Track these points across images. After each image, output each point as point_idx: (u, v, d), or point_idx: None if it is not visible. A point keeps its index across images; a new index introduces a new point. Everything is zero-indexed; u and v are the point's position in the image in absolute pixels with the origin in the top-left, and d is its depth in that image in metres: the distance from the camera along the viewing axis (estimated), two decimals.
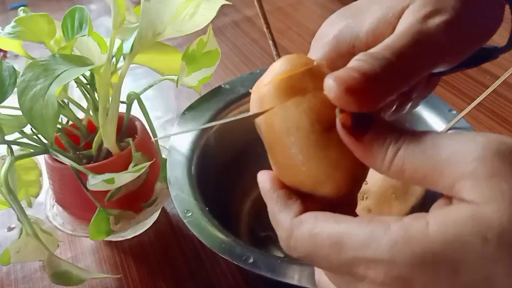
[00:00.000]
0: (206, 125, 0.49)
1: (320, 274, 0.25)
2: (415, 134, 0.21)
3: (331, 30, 0.26)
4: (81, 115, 0.49)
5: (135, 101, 0.48)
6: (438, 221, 0.18)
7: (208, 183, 0.46)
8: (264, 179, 0.26)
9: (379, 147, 0.21)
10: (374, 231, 0.19)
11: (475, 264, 0.17)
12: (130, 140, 0.47)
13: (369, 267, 0.19)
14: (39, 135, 0.45)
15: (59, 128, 0.47)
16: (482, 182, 0.18)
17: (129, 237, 0.53)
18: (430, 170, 0.19)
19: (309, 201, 0.23)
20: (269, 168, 0.27)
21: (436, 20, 0.23)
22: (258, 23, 0.93)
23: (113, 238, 0.53)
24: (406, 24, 0.23)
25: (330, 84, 0.20)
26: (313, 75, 0.23)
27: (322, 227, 0.21)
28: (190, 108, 0.52)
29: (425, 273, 0.18)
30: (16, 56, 0.88)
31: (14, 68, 0.42)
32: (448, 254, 0.18)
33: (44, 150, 0.45)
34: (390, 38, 0.22)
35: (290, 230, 0.22)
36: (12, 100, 0.40)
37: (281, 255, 0.48)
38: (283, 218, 0.23)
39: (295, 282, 0.34)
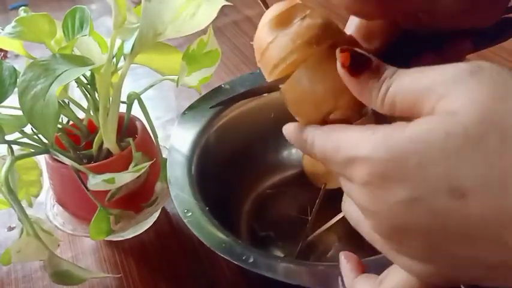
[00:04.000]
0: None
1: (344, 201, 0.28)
2: (407, 70, 0.22)
3: None
4: (81, 115, 0.49)
5: (136, 101, 0.48)
6: (413, 125, 0.20)
7: (208, 183, 0.46)
8: (289, 127, 0.29)
9: (373, 84, 0.23)
10: (364, 135, 0.22)
11: (438, 159, 0.19)
12: (130, 140, 0.47)
13: (357, 165, 0.22)
14: (40, 135, 0.45)
15: (59, 128, 0.47)
16: (452, 97, 0.20)
17: (129, 236, 0.53)
18: (415, 99, 0.21)
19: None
20: (269, 167, 0.30)
21: None
22: (259, 23, 0.93)
23: (113, 238, 0.53)
24: None
25: None
26: (300, 10, 0.27)
27: (329, 134, 0.24)
28: (191, 108, 0.52)
29: (397, 166, 0.20)
30: (17, 56, 0.88)
31: (15, 68, 0.42)
32: (416, 149, 0.20)
33: (45, 150, 0.45)
34: None
35: (312, 136, 0.26)
36: (13, 100, 0.40)
37: (281, 255, 0.48)
38: (305, 131, 0.27)
39: (295, 282, 0.34)
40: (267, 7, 0.30)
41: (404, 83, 0.22)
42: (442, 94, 0.20)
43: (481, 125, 0.19)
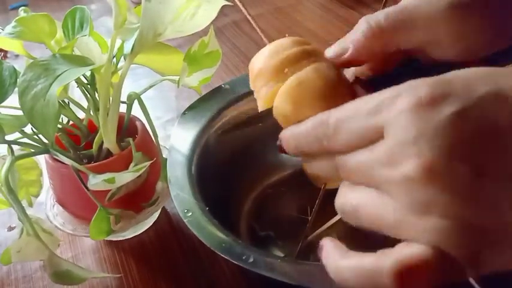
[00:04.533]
0: None
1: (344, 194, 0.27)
2: None
3: None
4: (81, 115, 0.49)
5: (136, 101, 0.48)
6: None
7: (208, 183, 0.46)
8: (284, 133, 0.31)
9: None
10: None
11: (480, 74, 0.22)
12: (130, 139, 0.47)
13: (396, 99, 0.22)
14: (40, 135, 0.45)
15: (59, 128, 0.47)
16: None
17: (129, 236, 0.53)
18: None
19: None
20: (269, 167, 0.32)
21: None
22: (258, 23, 0.93)
23: (113, 238, 0.53)
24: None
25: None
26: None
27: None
28: (191, 108, 0.52)
29: (441, 84, 0.21)
30: (17, 56, 0.88)
31: (15, 68, 0.42)
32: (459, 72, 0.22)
33: (45, 150, 0.45)
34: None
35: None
36: (13, 100, 0.40)
37: (281, 255, 0.48)
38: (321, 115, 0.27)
39: (295, 282, 0.34)
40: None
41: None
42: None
43: None
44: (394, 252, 0.22)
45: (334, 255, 0.26)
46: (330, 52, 0.30)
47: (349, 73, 0.32)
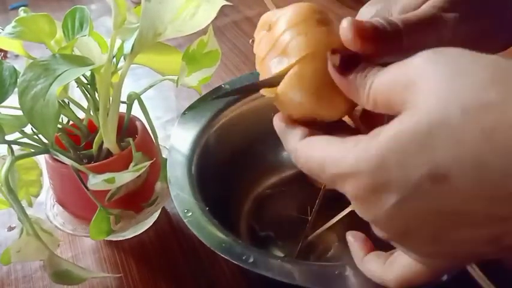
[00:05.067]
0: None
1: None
2: (388, 66, 0.23)
3: (368, 11, 0.31)
4: (81, 115, 0.49)
5: (136, 101, 0.48)
6: (386, 131, 0.21)
7: (208, 183, 0.46)
8: (277, 119, 0.30)
9: (360, 83, 0.24)
10: (345, 149, 0.23)
11: (413, 153, 0.20)
12: (130, 139, 0.47)
13: (344, 182, 0.23)
14: (40, 135, 0.45)
15: (59, 128, 0.47)
16: (414, 88, 0.21)
17: (129, 236, 0.53)
18: (388, 93, 0.23)
19: (312, 126, 0.28)
20: (269, 167, 0.32)
21: (448, 15, 0.27)
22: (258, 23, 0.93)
23: (113, 238, 0.53)
24: (425, 8, 0.28)
25: (344, 26, 0.25)
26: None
27: (312, 151, 0.25)
28: (191, 108, 0.52)
29: (380, 175, 0.21)
30: (17, 56, 0.88)
31: (15, 68, 0.42)
32: (392, 152, 0.21)
33: (45, 150, 0.45)
34: (407, 14, 0.27)
35: (294, 150, 0.27)
36: (13, 100, 0.40)
37: (281, 255, 0.48)
38: (290, 141, 0.28)
39: (295, 282, 0.34)
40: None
41: (382, 79, 0.23)
42: (405, 86, 0.21)
43: (440, 106, 0.20)
44: (398, 262, 0.28)
45: (356, 258, 0.32)
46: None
47: None
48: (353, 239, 0.32)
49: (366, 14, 0.31)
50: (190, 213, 0.40)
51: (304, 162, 0.26)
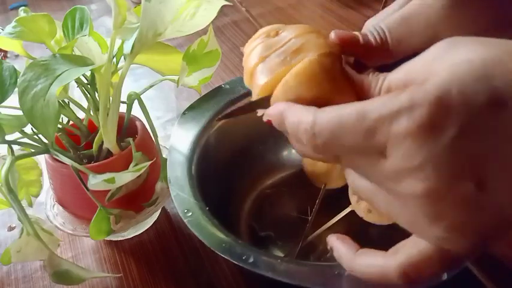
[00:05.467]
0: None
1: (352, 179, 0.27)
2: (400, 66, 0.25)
3: (371, 23, 0.32)
4: (81, 115, 0.49)
5: (136, 101, 0.48)
6: (437, 75, 0.21)
7: (208, 183, 0.46)
8: (276, 106, 0.28)
9: (373, 77, 0.26)
10: (389, 96, 0.22)
11: (473, 81, 0.20)
12: (130, 139, 0.47)
13: (393, 121, 0.21)
14: (40, 135, 0.45)
15: (59, 128, 0.47)
16: (432, 76, 0.21)
17: (129, 236, 0.53)
18: (406, 79, 0.23)
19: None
20: (269, 167, 0.31)
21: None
22: (258, 23, 0.93)
23: (113, 238, 0.53)
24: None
25: (332, 36, 0.29)
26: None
27: (344, 107, 0.23)
28: (191, 108, 0.52)
29: (441, 105, 0.21)
30: (17, 56, 0.88)
31: (15, 68, 0.42)
32: (453, 80, 0.21)
33: (45, 150, 0.45)
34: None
35: (314, 117, 0.24)
36: (13, 100, 0.40)
37: (281, 254, 0.48)
38: (305, 113, 0.25)
39: (295, 282, 0.34)
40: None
41: (396, 74, 0.25)
42: (434, 58, 0.22)
43: (490, 53, 0.21)
44: (403, 250, 0.25)
45: (346, 256, 0.29)
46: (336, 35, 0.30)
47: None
48: (339, 241, 0.30)
49: (369, 25, 0.32)
50: (190, 213, 0.40)
51: (335, 117, 0.23)
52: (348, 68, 0.28)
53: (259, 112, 0.29)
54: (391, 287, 0.25)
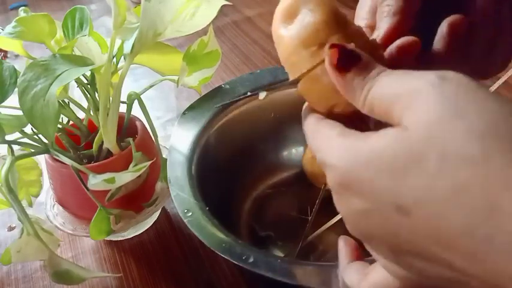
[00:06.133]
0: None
1: None
2: (391, 72, 0.23)
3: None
4: (81, 115, 0.49)
5: (136, 101, 0.48)
6: (375, 137, 0.21)
7: (208, 183, 0.46)
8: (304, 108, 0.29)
9: (358, 85, 0.23)
10: (336, 141, 0.23)
11: (387, 176, 0.20)
12: (130, 139, 0.47)
13: (326, 170, 0.24)
14: (40, 135, 0.45)
15: (59, 128, 0.47)
16: (413, 109, 0.20)
17: (129, 236, 0.53)
18: (387, 106, 0.22)
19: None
20: (269, 167, 0.31)
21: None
22: (258, 23, 0.93)
23: (113, 238, 0.53)
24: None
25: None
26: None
27: (317, 131, 0.26)
28: (191, 108, 0.52)
29: (355, 177, 0.21)
30: (17, 56, 0.88)
31: (15, 68, 0.42)
32: (372, 162, 0.21)
33: (45, 150, 0.45)
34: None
35: (307, 128, 0.27)
36: (13, 100, 0.40)
37: (281, 254, 0.48)
38: (307, 120, 0.27)
39: (295, 282, 0.34)
40: None
41: (383, 87, 0.22)
42: (406, 106, 0.21)
43: (424, 144, 0.19)
44: (370, 277, 0.28)
45: (341, 263, 0.31)
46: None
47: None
48: (343, 244, 0.32)
49: (366, 1, 0.32)
50: (190, 213, 0.40)
51: (309, 141, 0.26)
52: (330, 69, 0.25)
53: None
54: None
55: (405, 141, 0.20)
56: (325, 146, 0.24)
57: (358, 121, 0.27)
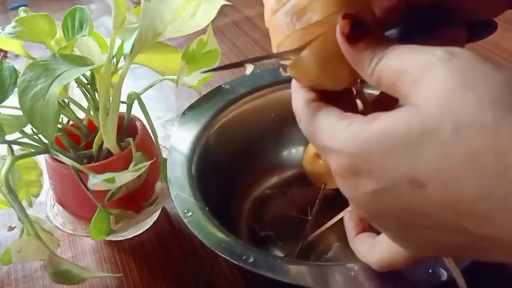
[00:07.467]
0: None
1: None
2: (400, 46, 0.23)
3: None
4: (81, 115, 0.49)
5: (136, 101, 0.48)
6: (382, 118, 0.22)
7: (208, 183, 0.46)
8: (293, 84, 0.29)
9: (367, 57, 0.23)
10: (339, 125, 0.23)
11: (399, 152, 0.21)
12: (130, 139, 0.47)
13: (330, 155, 0.24)
14: (40, 135, 0.45)
15: (59, 128, 0.47)
16: (422, 85, 0.21)
17: (129, 236, 0.53)
18: (395, 80, 0.22)
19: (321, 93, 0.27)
20: (269, 167, 0.32)
21: None
22: (258, 23, 0.93)
23: (113, 238, 0.53)
24: None
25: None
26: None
27: (312, 117, 0.26)
28: (191, 108, 0.52)
29: (363, 160, 0.22)
30: (16, 56, 0.88)
31: (15, 68, 0.42)
32: (381, 143, 0.21)
33: (45, 150, 0.45)
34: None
35: (299, 112, 0.27)
36: (13, 100, 0.40)
37: (281, 254, 0.48)
38: (298, 101, 0.27)
39: (295, 282, 0.34)
40: None
41: (392, 61, 0.23)
42: (415, 80, 0.21)
43: (436, 116, 0.20)
44: (377, 248, 0.30)
45: (348, 235, 0.34)
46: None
47: None
48: (348, 217, 0.34)
49: None
50: (190, 213, 0.40)
51: (303, 125, 0.26)
52: (341, 40, 0.24)
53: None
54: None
55: (417, 117, 0.20)
56: (327, 130, 0.24)
57: (345, 99, 0.28)
